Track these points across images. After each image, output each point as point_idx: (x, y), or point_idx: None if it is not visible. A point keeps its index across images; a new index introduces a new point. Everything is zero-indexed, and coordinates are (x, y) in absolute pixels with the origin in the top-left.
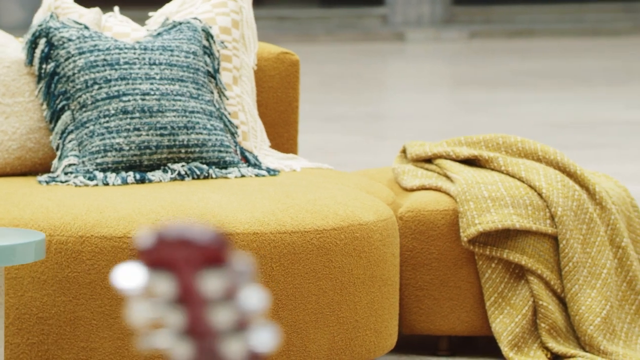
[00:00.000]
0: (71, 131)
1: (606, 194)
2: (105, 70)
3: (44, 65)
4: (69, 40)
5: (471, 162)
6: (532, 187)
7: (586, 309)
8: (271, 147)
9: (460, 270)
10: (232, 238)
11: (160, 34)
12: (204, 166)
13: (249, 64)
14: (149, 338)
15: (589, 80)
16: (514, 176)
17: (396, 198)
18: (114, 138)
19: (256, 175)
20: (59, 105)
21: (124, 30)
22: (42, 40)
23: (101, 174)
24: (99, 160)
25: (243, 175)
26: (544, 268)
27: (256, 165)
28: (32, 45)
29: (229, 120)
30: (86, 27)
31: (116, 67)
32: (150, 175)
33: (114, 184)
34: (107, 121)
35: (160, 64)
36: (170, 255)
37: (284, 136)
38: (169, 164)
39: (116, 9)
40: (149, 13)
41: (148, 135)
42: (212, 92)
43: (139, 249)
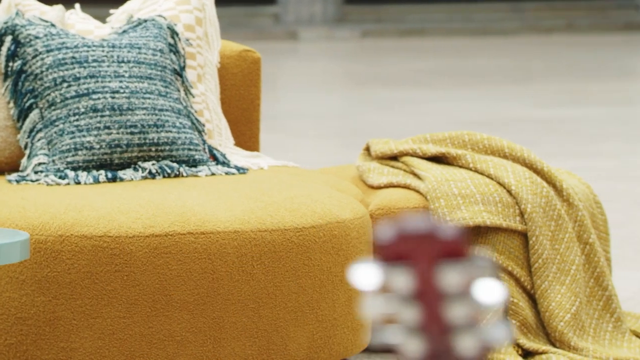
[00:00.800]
0: (40, 129)
1: (573, 190)
2: (74, 68)
3: (10, 63)
4: (36, 37)
5: (438, 160)
6: (501, 184)
7: (556, 305)
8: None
9: None
10: (213, 237)
11: (125, 31)
12: (175, 164)
13: (213, 61)
14: (381, 333)
15: (488, 78)
16: (482, 173)
17: (364, 196)
18: (84, 136)
19: (226, 173)
20: (27, 104)
21: (87, 27)
22: (8, 38)
23: (72, 173)
24: (69, 159)
25: (213, 174)
26: (515, 265)
27: (225, 163)
28: None
29: (196, 119)
30: (53, 25)
31: (85, 65)
32: (121, 173)
33: (85, 183)
34: (77, 119)
35: (129, 61)
36: (409, 249)
37: (246, 134)
38: (140, 163)
39: (77, 6)
40: (110, 10)
41: (118, 133)
42: (179, 90)
43: (379, 243)
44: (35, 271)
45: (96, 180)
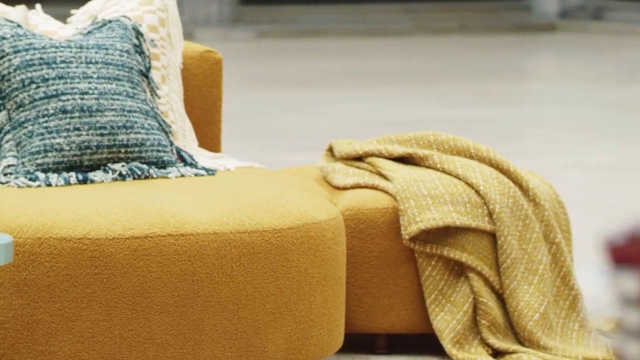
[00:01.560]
0: (8, 131)
1: (538, 190)
2: (42, 69)
3: None
4: (3, 38)
5: (404, 160)
6: (469, 185)
7: (525, 304)
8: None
9: (399, 268)
10: (192, 238)
11: (90, 32)
12: (144, 166)
13: (176, 62)
14: (604, 337)
15: (391, 79)
16: (450, 174)
17: (330, 197)
18: (54, 138)
19: (195, 174)
20: None
21: (50, 28)
22: None
23: (43, 175)
24: (39, 161)
25: (182, 175)
26: (484, 265)
27: (192, 164)
28: None
29: (163, 120)
30: (19, 26)
31: (53, 66)
32: (92, 175)
33: (56, 185)
34: (47, 121)
35: (97, 62)
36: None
37: (208, 135)
38: (109, 164)
39: (38, 6)
40: (72, 11)
41: (88, 135)
42: (145, 91)
43: (608, 246)
44: (14, 274)
45: (67, 182)
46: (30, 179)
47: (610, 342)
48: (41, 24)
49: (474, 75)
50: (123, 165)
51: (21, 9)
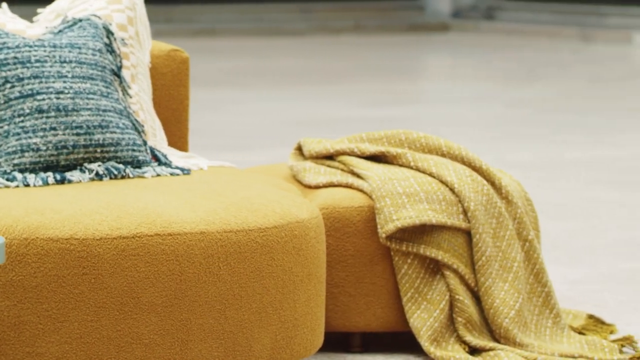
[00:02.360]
0: None
1: (511, 188)
2: (17, 69)
3: None
4: None
5: (376, 159)
6: (444, 183)
7: (500, 302)
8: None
9: (375, 267)
10: (180, 238)
11: (61, 31)
12: (121, 166)
13: (144, 61)
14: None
15: (297, 78)
16: (424, 172)
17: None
18: (30, 138)
19: (171, 174)
20: None
21: (18, 27)
22: None
23: (20, 175)
24: (16, 161)
25: (158, 175)
26: (459, 262)
27: (167, 164)
28: None
29: (135, 119)
30: None
31: (28, 65)
32: (69, 175)
33: (34, 185)
34: (22, 121)
35: (71, 61)
36: None
37: (176, 134)
38: (85, 164)
39: (4, 5)
40: (38, 10)
41: (64, 134)
42: (117, 91)
43: None
44: (0, 275)
45: (45, 183)
46: (8, 179)
47: None
48: (9, 22)
49: (378, 75)
50: (99, 165)
51: None
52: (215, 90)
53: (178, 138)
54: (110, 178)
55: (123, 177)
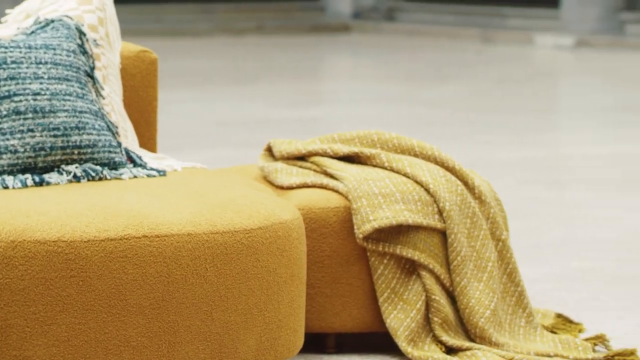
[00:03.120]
0: None
1: (484, 188)
2: None
3: None
4: None
5: (349, 159)
6: (418, 183)
7: (475, 302)
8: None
9: (351, 267)
10: (167, 240)
11: (34, 32)
12: (98, 167)
13: (115, 62)
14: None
15: (210, 79)
16: (398, 172)
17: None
18: (7, 140)
19: (147, 175)
20: None
21: None
22: None
23: None
24: None
25: (135, 176)
26: (435, 262)
27: (142, 165)
28: None
29: (109, 121)
30: None
31: (4, 67)
32: (47, 177)
33: (14, 187)
34: (0, 123)
35: (46, 62)
36: None
37: (145, 136)
38: (63, 166)
39: None
40: (6, 10)
41: (42, 136)
42: (91, 92)
43: None
44: None
45: (24, 185)
46: None
47: None
48: None
49: (286, 75)
50: (77, 167)
51: None
52: None
53: (147, 139)
54: (88, 180)
55: (100, 179)
